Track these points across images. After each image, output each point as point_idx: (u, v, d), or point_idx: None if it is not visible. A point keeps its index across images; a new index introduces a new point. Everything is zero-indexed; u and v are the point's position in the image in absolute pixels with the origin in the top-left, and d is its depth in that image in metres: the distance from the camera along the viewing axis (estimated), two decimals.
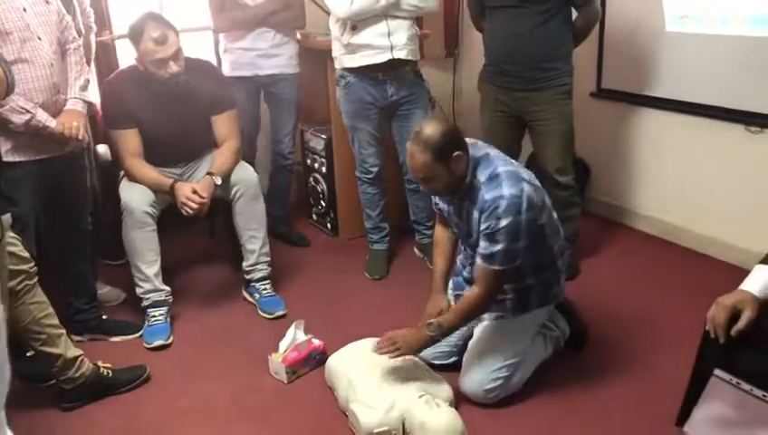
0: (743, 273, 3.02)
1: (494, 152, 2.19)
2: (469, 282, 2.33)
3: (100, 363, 2.38)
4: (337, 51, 2.99)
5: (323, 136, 3.54)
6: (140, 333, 2.73)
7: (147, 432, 2.23)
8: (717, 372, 1.39)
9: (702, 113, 3.20)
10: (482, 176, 2.12)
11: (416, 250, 3.42)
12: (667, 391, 2.23)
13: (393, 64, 2.89)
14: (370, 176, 3.17)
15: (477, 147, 2.19)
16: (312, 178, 3.71)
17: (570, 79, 2.92)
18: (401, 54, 2.87)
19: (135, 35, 2.62)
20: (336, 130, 3.39)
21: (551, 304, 2.37)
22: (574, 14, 2.90)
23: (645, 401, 2.27)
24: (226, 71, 3.27)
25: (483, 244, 2.10)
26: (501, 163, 2.12)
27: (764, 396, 1.31)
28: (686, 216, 3.40)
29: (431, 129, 2.06)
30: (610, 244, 3.48)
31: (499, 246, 2.06)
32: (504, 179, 2.06)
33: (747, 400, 1.34)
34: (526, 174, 2.14)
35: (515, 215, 2.03)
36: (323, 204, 3.72)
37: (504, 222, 2.03)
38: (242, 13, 3.16)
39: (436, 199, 2.41)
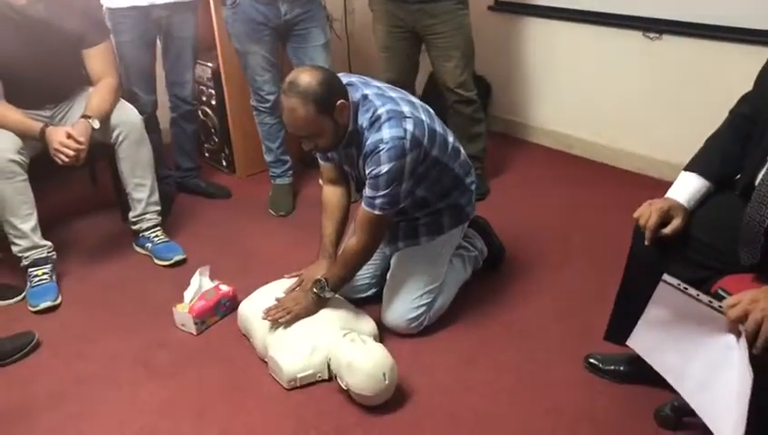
0: (648, 180, 3.13)
1: (370, 90, 2.01)
2: None
3: None
4: None
5: (209, 64, 3.25)
6: (23, 295, 2.50)
7: (42, 406, 2.00)
8: (666, 277, 1.35)
9: (599, 21, 3.17)
10: (363, 120, 1.97)
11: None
12: (587, 306, 2.26)
13: None
14: (267, 105, 2.94)
15: (354, 87, 2.02)
16: (200, 112, 3.41)
17: None
18: None
19: None
20: (224, 56, 3.11)
21: (464, 223, 2.31)
22: None
23: (566, 317, 2.27)
24: (110, 2, 2.72)
25: (368, 189, 1.99)
26: (380, 102, 1.97)
27: (711, 302, 1.29)
28: (588, 127, 3.41)
29: (308, 77, 1.87)
30: (516, 161, 3.46)
31: (382, 192, 1.96)
32: (384, 121, 1.92)
33: (693, 305, 1.31)
34: (408, 107, 1.98)
35: (399, 158, 1.92)
36: (216, 139, 3.47)
37: (386, 167, 1.91)
38: None
39: None
